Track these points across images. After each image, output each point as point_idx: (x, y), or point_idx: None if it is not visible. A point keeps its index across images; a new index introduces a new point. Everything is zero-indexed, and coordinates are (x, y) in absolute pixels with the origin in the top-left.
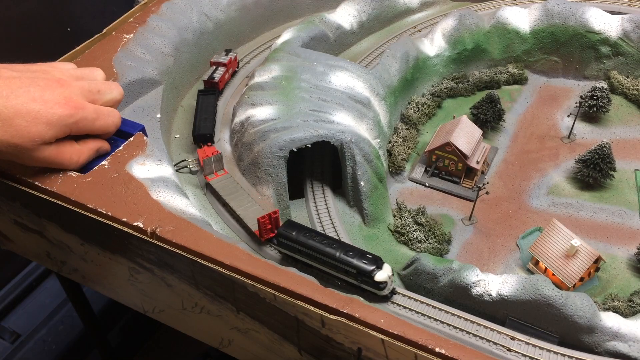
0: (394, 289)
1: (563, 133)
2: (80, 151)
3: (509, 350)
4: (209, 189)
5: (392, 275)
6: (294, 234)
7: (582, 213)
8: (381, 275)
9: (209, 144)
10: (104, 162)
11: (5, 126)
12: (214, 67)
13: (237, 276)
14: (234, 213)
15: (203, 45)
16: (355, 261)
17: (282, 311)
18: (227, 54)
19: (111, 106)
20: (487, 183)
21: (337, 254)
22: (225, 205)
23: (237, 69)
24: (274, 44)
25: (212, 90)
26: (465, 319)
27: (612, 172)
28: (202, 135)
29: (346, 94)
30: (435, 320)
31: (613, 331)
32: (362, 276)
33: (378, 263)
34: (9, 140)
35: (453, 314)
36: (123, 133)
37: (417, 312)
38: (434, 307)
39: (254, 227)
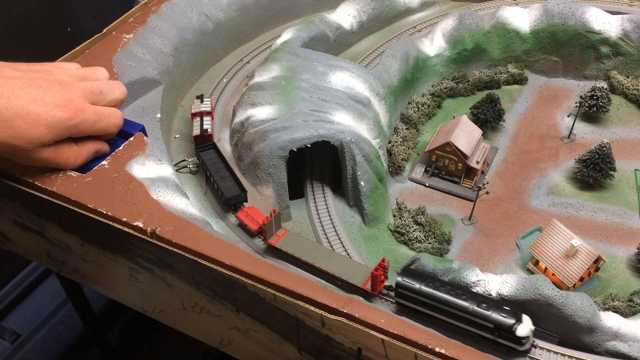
0: (533, 342)
1: (563, 133)
2: (79, 152)
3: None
4: (270, 250)
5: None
6: (416, 285)
7: (582, 213)
8: (523, 330)
9: (244, 204)
10: (104, 162)
11: (4, 127)
12: (199, 118)
13: (237, 276)
14: (319, 270)
15: (203, 45)
16: (492, 314)
17: (282, 311)
18: (202, 101)
19: (114, 106)
20: (487, 183)
21: (470, 306)
22: (305, 264)
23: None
24: (274, 44)
25: (210, 145)
26: None
27: (612, 172)
28: (234, 198)
29: (346, 94)
30: None
31: (613, 331)
32: (500, 331)
33: (517, 315)
34: (7, 142)
35: None
36: (123, 133)
37: None
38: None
39: (355, 280)
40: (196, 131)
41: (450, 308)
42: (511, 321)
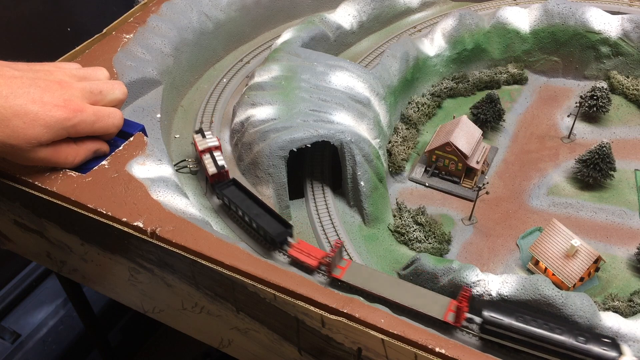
0: None
1: (563, 133)
2: (77, 152)
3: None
4: (335, 282)
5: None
6: (505, 319)
7: (582, 213)
8: None
9: (291, 239)
10: (104, 162)
11: (2, 126)
12: (209, 155)
13: (237, 276)
14: (392, 303)
15: (203, 45)
16: (594, 348)
17: (282, 311)
18: (203, 135)
19: (114, 106)
20: (487, 183)
21: (568, 340)
22: (376, 297)
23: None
24: (274, 44)
25: (229, 181)
26: None
27: (612, 172)
28: (281, 235)
29: (346, 94)
30: None
31: (613, 331)
32: None
33: (617, 346)
34: (5, 141)
35: None
36: (123, 133)
37: None
38: None
39: (434, 312)
40: (212, 169)
41: (546, 344)
42: (613, 354)
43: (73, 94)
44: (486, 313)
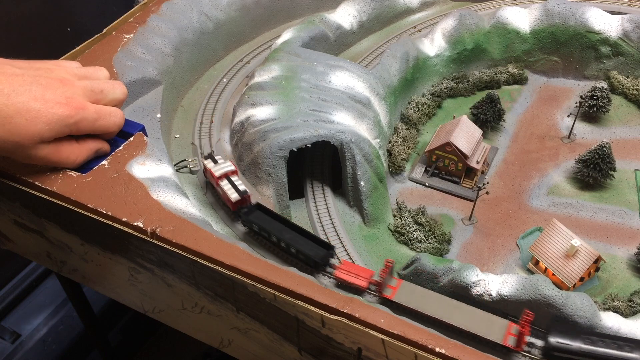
0: None
1: (563, 133)
2: (79, 151)
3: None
4: (385, 304)
5: None
6: (573, 344)
7: (582, 213)
8: None
9: (334, 259)
10: (104, 162)
11: (4, 124)
12: (225, 180)
13: (237, 276)
14: (447, 325)
15: (203, 45)
16: None
17: (282, 311)
18: (214, 160)
19: (114, 106)
20: (487, 183)
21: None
22: (430, 319)
23: None
24: (274, 44)
25: (254, 206)
26: None
27: (612, 172)
28: (324, 257)
29: (346, 94)
30: None
31: (613, 331)
32: None
33: None
34: (7, 138)
35: None
36: (123, 133)
37: None
38: None
39: (493, 336)
40: (234, 196)
41: None
42: None
43: (75, 92)
44: (552, 339)
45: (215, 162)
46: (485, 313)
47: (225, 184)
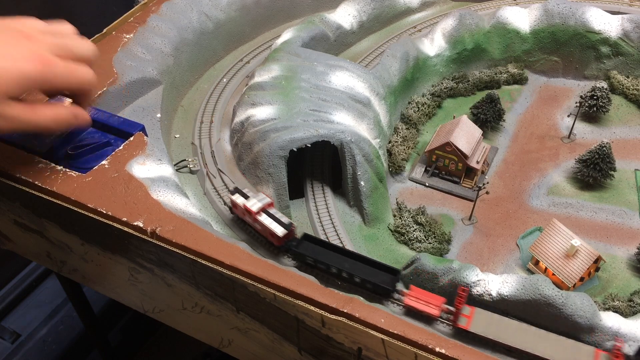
0: None
1: (563, 133)
2: (56, 112)
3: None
4: (459, 334)
5: None
6: None
7: (582, 213)
8: None
9: (400, 285)
10: (104, 162)
11: None
12: (263, 214)
13: (237, 276)
14: (532, 356)
15: (203, 45)
16: None
17: (282, 311)
18: (244, 195)
19: (84, 62)
20: (487, 183)
21: None
22: (512, 350)
23: None
24: (274, 44)
25: (302, 237)
26: None
27: (612, 172)
28: (392, 283)
29: (346, 94)
30: None
31: (613, 331)
32: None
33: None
34: None
35: None
36: (123, 133)
37: None
38: None
39: None
40: (280, 230)
41: None
42: None
43: (42, 47)
44: None
45: (245, 196)
46: (568, 340)
47: (265, 219)
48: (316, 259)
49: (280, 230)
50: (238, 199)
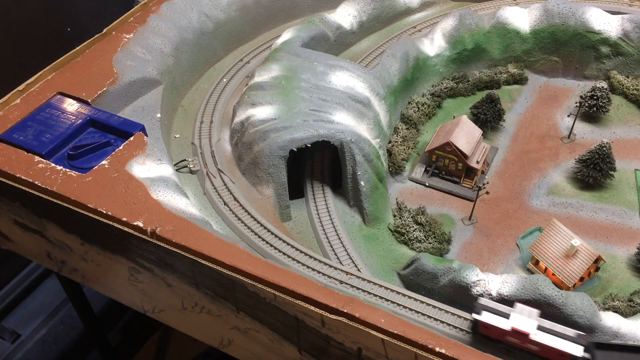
0: None
1: (563, 133)
2: None
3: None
4: None
5: None
6: None
7: (582, 213)
8: None
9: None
10: (104, 162)
11: None
12: (541, 330)
13: (237, 276)
14: None
15: (203, 45)
16: None
17: (282, 311)
18: (504, 315)
19: None
20: (487, 183)
21: None
22: None
23: None
24: (274, 44)
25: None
26: None
27: (612, 172)
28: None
29: (346, 94)
30: None
31: (613, 331)
32: None
33: None
34: None
35: None
36: (123, 133)
37: None
38: None
39: None
40: (576, 350)
41: None
42: None
43: None
44: None
45: (502, 314)
46: None
47: (543, 337)
48: None
49: (577, 351)
50: (492, 319)
